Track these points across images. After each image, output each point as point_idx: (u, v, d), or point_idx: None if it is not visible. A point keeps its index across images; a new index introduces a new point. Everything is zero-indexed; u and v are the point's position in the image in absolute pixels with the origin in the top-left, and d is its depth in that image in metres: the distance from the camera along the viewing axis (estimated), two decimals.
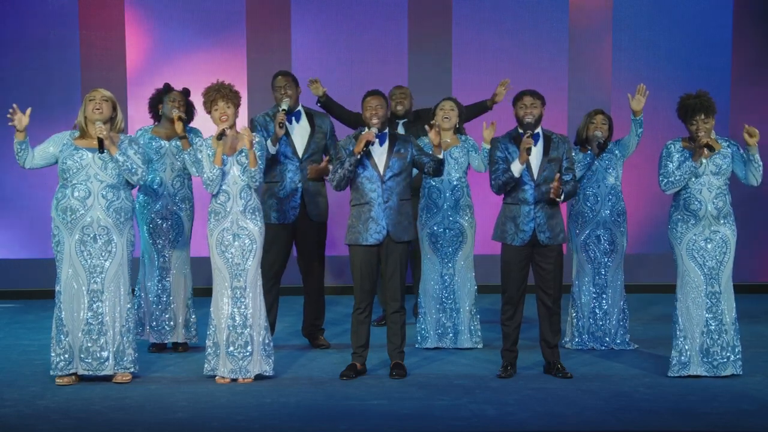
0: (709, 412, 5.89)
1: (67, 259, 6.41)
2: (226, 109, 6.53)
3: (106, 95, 6.49)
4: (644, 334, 8.04)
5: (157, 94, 7.47)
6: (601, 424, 5.67)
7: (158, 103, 7.44)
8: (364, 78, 9.54)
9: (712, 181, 6.58)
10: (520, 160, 6.51)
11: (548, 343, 6.74)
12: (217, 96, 6.54)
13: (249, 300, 6.55)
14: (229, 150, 6.55)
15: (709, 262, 6.60)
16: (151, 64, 9.96)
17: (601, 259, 7.54)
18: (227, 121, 6.52)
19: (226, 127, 6.51)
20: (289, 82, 7.53)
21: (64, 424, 5.65)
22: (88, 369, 6.43)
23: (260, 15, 10.17)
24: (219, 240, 6.55)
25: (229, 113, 6.54)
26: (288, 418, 5.77)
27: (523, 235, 6.59)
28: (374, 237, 6.63)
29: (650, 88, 6.94)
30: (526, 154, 6.49)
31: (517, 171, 6.54)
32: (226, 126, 6.50)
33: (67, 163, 6.39)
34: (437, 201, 7.54)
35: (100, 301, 6.43)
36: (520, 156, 6.51)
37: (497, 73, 9.89)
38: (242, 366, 6.53)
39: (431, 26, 10.22)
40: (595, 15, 10.33)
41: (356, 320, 6.70)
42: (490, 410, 5.93)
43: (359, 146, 6.55)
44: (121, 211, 6.46)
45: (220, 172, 6.50)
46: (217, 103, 6.54)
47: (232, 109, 6.55)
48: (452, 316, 7.55)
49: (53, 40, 9.96)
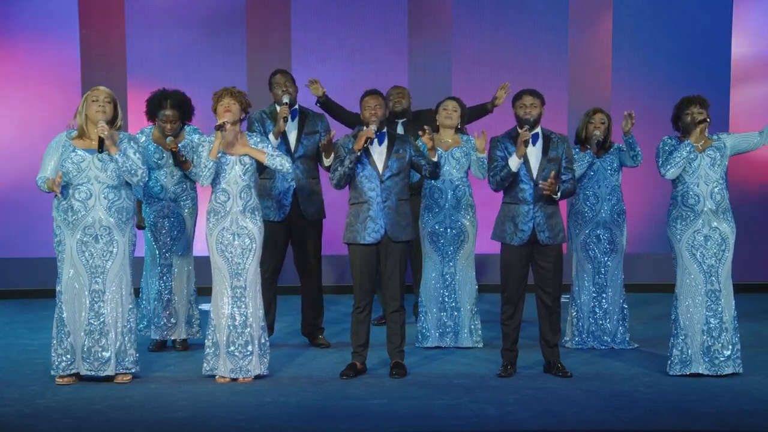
0: (709, 412, 5.89)
1: (68, 259, 6.40)
2: (231, 104, 6.54)
3: (109, 95, 6.42)
4: (644, 334, 8.04)
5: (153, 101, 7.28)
6: (601, 424, 5.67)
7: (155, 109, 7.28)
8: (364, 78, 9.52)
9: (709, 174, 6.60)
10: (518, 153, 6.52)
11: (548, 343, 6.74)
12: (224, 93, 6.57)
13: (249, 299, 6.55)
14: (230, 149, 6.54)
15: (708, 260, 6.60)
16: (151, 64, 9.95)
17: (600, 258, 7.54)
18: (230, 114, 6.52)
19: (228, 120, 6.50)
20: (288, 80, 7.57)
21: (64, 424, 5.65)
22: (90, 369, 6.43)
23: (260, 15, 10.17)
24: (218, 239, 6.56)
25: (233, 108, 6.54)
26: (288, 418, 5.77)
27: (522, 235, 6.59)
28: (372, 236, 6.63)
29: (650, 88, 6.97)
30: (523, 147, 6.49)
31: (514, 165, 6.54)
32: (228, 119, 6.49)
33: (66, 165, 6.34)
34: (439, 200, 7.54)
35: (102, 302, 6.43)
36: (517, 149, 6.52)
37: (497, 72, 9.90)
38: (242, 366, 6.53)
39: (431, 26, 10.22)
40: (595, 15, 10.33)
41: (356, 319, 6.70)
42: (490, 409, 5.93)
43: (359, 143, 6.56)
44: (123, 210, 6.45)
45: (214, 165, 6.49)
46: (224, 98, 6.56)
47: (236, 106, 6.55)
48: (453, 315, 7.55)
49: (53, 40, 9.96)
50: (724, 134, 6.76)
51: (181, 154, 7.19)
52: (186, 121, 7.35)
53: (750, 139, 6.72)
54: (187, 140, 7.33)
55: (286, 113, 7.34)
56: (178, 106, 7.23)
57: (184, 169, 7.25)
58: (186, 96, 7.34)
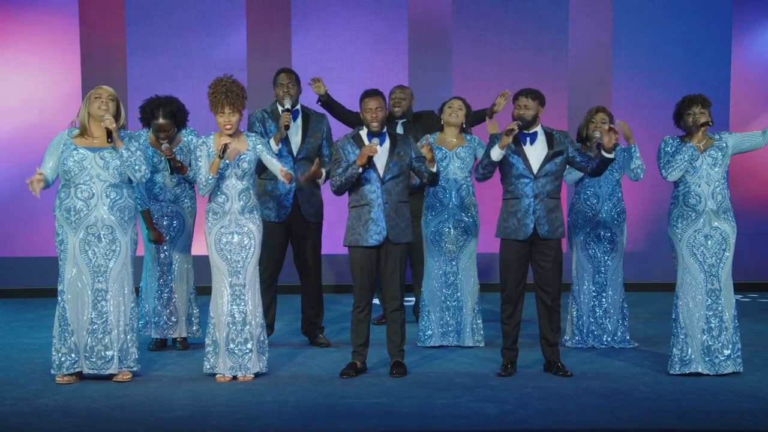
0: (710, 411, 5.89)
1: (71, 258, 6.40)
2: (230, 117, 6.48)
3: (112, 94, 6.43)
4: (644, 333, 8.04)
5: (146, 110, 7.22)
6: (601, 423, 5.66)
7: (148, 117, 7.22)
8: (364, 78, 9.53)
9: (710, 174, 6.60)
10: (500, 144, 6.53)
11: (548, 342, 6.74)
12: (224, 102, 6.47)
13: (248, 297, 6.56)
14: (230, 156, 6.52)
15: (709, 260, 6.60)
16: (151, 64, 9.96)
17: (601, 257, 7.54)
18: (230, 130, 6.49)
19: (229, 143, 6.42)
20: (292, 81, 7.54)
21: (64, 423, 5.65)
22: (93, 368, 6.43)
23: (260, 15, 10.18)
24: (217, 238, 6.56)
25: (233, 121, 6.49)
26: (288, 417, 5.77)
27: (525, 229, 6.60)
28: (374, 238, 6.62)
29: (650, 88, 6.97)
30: (506, 138, 6.49)
31: (495, 155, 6.56)
32: (229, 142, 6.42)
33: (67, 164, 6.35)
34: (442, 200, 7.54)
35: (105, 300, 6.43)
36: (500, 140, 6.53)
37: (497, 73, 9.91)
38: (242, 363, 6.53)
39: (432, 26, 10.22)
40: (595, 15, 10.33)
41: (356, 319, 6.70)
42: (490, 409, 5.93)
43: (362, 159, 6.54)
44: (125, 209, 6.45)
45: (215, 179, 6.48)
46: (224, 109, 6.47)
47: (236, 117, 6.50)
48: (455, 314, 7.56)
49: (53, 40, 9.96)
50: (726, 133, 6.75)
51: (177, 161, 7.17)
52: (180, 127, 7.30)
53: (752, 138, 6.71)
54: (183, 143, 7.33)
55: (288, 121, 7.32)
56: (170, 116, 7.16)
57: (181, 173, 7.23)
58: (179, 103, 7.24)
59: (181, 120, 7.24)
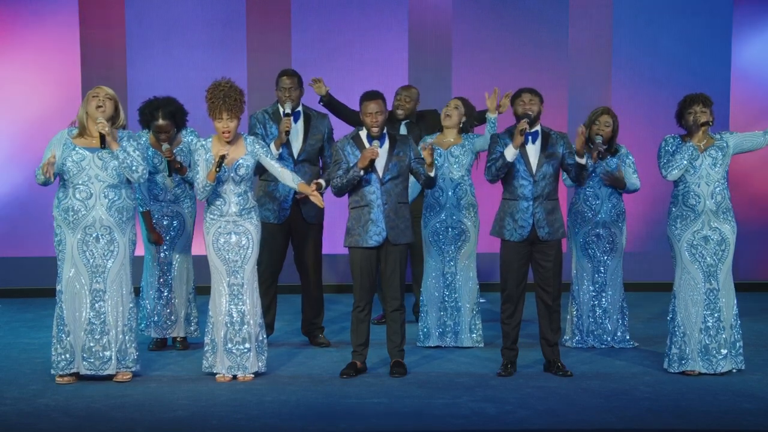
0: (710, 411, 5.89)
1: (69, 258, 6.40)
2: (229, 123, 6.46)
3: (110, 93, 6.43)
4: (644, 332, 8.04)
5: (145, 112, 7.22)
6: (601, 422, 5.67)
7: (147, 119, 7.21)
8: (365, 78, 9.53)
9: (710, 174, 6.60)
10: (514, 143, 6.52)
11: (548, 342, 6.74)
12: (222, 107, 6.44)
13: (246, 297, 6.56)
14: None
15: (708, 260, 6.60)
16: (151, 64, 9.95)
17: (600, 257, 7.54)
18: (229, 137, 6.48)
19: (227, 152, 6.41)
20: (295, 84, 7.52)
21: (64, 423, 5.65)
22: (91, 369, 6.43)
23: (260, 15, 10.17)
24: (215, 238, 6.56)
25: (231, 127, 6.47)
26: (288, 417, 5.77)
27: (521, 231, 6.60)
28: (374, 239, 6.62)
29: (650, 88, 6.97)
30: (519, 137, 6.49)
31: (509, 155, 6.53)
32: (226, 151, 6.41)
33: (66, 164, 6.35)
34: (440, 199, 7.54)
35: (103, 301, 6.43)
36: (514, 139, 6.52)
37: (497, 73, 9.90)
38: (240, 363, 6.53)
39: (432, 26, 10.22)
40: (595, 15, 10.32)
41: (356, 318, 6.70)
42: (490, 408, 5.93)
43: (364, 162, 6.53)
44: (123, 210, 6.45)
45: (212, 186, 6.48)
46: (222, 114, 6.46)
47: (234, 122, 6.48)
48: (453, 314, 7.55)
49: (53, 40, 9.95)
50: (727, 133, 6.74)
51: (177, 162, 7.17)
52: (180, 127, 7.29)
53: (754, 138, 6.70)
54: (184, 143, 7.33)
55: (288, 127, 7.32)
56: (170, 116, 7.15)
57: (181, 174, 7.23)
58: (178, 103, 7.23)
59: (180, 120, 7.24)
